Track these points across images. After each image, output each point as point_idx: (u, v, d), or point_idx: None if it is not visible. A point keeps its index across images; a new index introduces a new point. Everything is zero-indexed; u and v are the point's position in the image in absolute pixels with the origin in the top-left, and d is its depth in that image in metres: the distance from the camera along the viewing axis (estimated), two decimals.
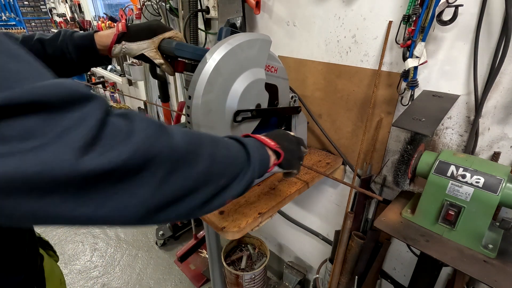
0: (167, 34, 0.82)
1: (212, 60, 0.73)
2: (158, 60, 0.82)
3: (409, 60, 0.85)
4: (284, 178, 0.78)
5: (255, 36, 0.81)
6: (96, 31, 0.78)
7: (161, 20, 1.87)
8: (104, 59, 0.83)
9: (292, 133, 0.74)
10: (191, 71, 0.89)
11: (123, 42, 0.77)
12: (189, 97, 0.74)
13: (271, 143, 0.60)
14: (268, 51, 0.86)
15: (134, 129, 0.32)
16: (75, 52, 0.76)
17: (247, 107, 0.84)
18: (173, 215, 0.37)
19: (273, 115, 0.98)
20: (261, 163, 0.55)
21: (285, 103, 1.01)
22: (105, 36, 0.77)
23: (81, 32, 0.78)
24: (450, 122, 0.90)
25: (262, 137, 0.61)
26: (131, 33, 0.78)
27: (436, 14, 0.78)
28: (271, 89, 0.92)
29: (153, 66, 0.90)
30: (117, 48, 0.78)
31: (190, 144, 0.38)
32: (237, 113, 0.82)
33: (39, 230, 1.89)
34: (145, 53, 0.80)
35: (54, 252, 0.80)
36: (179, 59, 0.86)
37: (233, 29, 0.82)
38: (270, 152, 0.60)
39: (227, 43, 0.75)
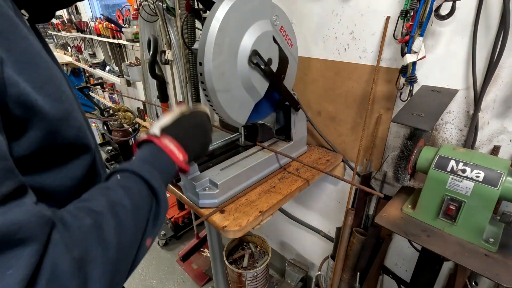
0: None
1: (215, 20, 0.70)
2: None
3: (407, 55, 0.85)
4: None
5: None
6: None
7: (158, 20, 1.86)
8: None
9: (207, 113, 0.66)
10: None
11: None
12: (200, 64, 0.72)
13: (180, 156, 0.51)
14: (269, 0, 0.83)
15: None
16: None
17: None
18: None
19: (279, 86, 0.94)
20: (167, 179, 0.49)
21: (289, 85, 1.00)
22: None
23: None
24: (449, 116, 0.90)
25: (170, 147, 0.51)
26: None
27: (434, 8, 0.78)
28: (283, 59, 0.91)
29: (152, 64, 0.87)
30: None
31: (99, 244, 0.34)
32: (255, 52, 0.78)
33: None
34: None
35: None
36: None
37: None
38: (176, 164, 0.52)
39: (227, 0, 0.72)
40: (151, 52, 1.78)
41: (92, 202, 0.37)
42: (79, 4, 3.56)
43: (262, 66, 0.82)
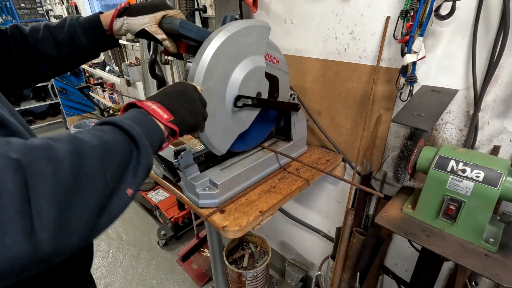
0: (170, 12, 0.79)
1: (211, 47, 0.72)
2: (160, 35, 0.79)
3: (407, 55, 0.85)
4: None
5: (254, 22, 0.80)
6: (101, 12, 0.78)
7: None
8: (112, 42, 0.82)
9: (193, 84, 0.67)
10: (193, 54, 0.85)
11: (125, 17, 0.76)
12: None
13: (164, 116, 0.52)
14: (267, 38, 0.85)
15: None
16: (84, 34, 0.76)
17: (248, 94, 0.84)
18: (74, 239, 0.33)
19: (273, 106, 0.97)
20: (151, 138, 0.48)
21: (285, 97, 1.01)
22: (108, 14, 0.77)
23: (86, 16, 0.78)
24: (449, 117, 0.90)
25: (151, 106, 0.52)
26: (132, 8, 0.77)
27: (434, 8, 0.77)
28: (272, 80, 0.92)
29: (152, 64, 0.89)
30: (118, 23, 0.76)
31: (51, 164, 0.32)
32: (238, 97, 0.81)
33: None
34: (147, 28, 0.77)
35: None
36: (182, 39, 0.82)
37: (237, 18, 0.81)
38: (161, 125, 0.52)
39: (225, 30, 0.74)
40: (151, 52, 1.78)
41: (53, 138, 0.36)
42: (79, 4, 3.56)
43: (250, 103, 0.83)
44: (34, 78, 0.77)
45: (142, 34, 0.79)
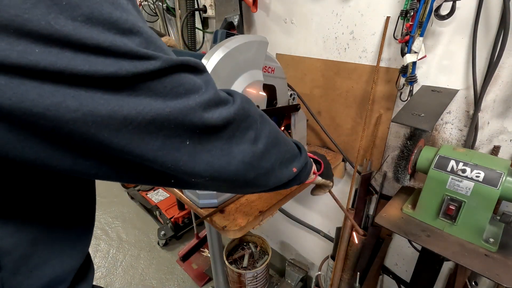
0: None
1: (209, 64, 0.72)
2: None
3: (407, 55, 0.85)
4: (316, 194, 0.81)
5: (252, 38, 0.81)
6: None
7: (158, 20, 1.86)
8: None
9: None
10: None
11: None
12: None
13: (311, 154, 0.67)
14: (265, 53, 0.86)
15: (236, 99, 0.38)
16: None
17: None
18: (263, 169, 0.44)
19: (273, 114, 0.97)
20: (307, 162, 0.59)
21: (284, 101, 1.01)
22: None
23: None
24: (449, 116, 0.90)
25: (312, 160, 0.67)
26: None
27: (434, 8, 0.78)
28: (269, 89, 0.92)
29: None
30: None
31: (262, 114, 0.46)
32: None
33: None
34: None
35: None
36: None
37: (228, 32, 0.82)
38: (312, 161, 0.65)
39: (224, 46, 0.74)
40: None
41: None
42: None
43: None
44: None
45: None
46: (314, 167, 0.66)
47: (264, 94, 0.89)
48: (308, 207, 1.56)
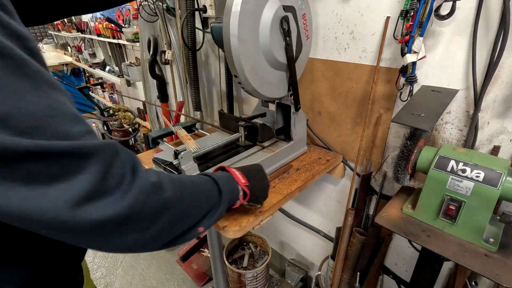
0: None
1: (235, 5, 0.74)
2: None
3: (407, 55, 0.85)
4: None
5: None
6: None
7: (158, 20, 1.86)
8: None
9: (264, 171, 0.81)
10: None
11: None
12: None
13: (242, 180, 0.68)
14: None
15: (131, 189, 0.38)
16: None
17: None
18: (159, 245, 0.45)
19: (293, 68, 0.96)
20: (231, 197, 0.63)
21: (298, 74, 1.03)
22: None
23: None
24: (449, 116, 0.90)
25: (235, 172, 0.69)
26: None
27: (434, 8, 0.77)
28: (298, 45, 0.96)
29: (152, 64, 0.89)
30: None
31: (176, 191, 0.46)
32: (286, 18, 0.84)
33: None
34: None
35: None
36: None
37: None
38: (240, 188, 0.67)
39: None
40: (151, 52, 1.78)
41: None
42: None
43: (287, 38, 0.86)
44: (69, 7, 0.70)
45: None
46: (241, 194, 0.68)
47: (295, 24, 0.92)
48: (308, 207, 1.56)
